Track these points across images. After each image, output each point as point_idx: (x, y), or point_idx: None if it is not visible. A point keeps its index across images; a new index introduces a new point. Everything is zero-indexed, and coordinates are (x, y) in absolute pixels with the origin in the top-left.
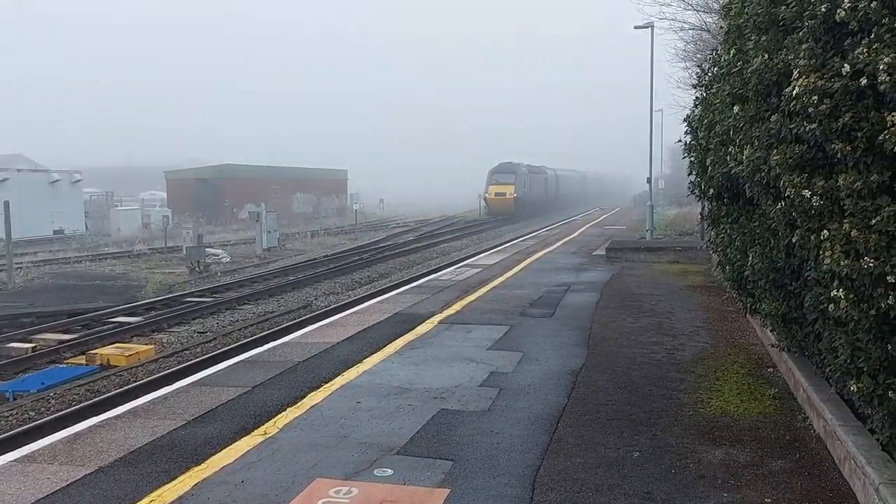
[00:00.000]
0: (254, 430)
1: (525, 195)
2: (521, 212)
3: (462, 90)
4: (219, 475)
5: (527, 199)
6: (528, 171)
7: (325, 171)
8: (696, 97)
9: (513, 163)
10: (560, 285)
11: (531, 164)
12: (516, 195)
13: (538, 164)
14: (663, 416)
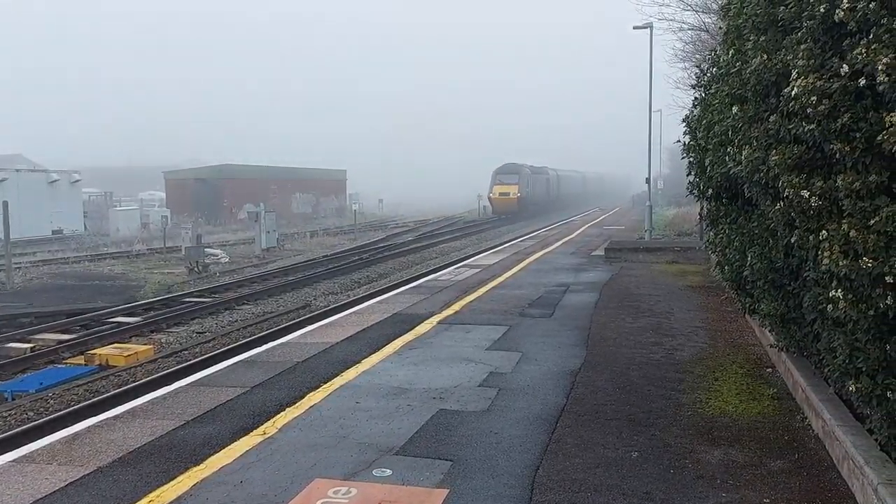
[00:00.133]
0: (253, 431)
1: (528, 195)
2: (524, 211)
3: (461, 91)
4: (217, 475)
5: (530, 199)
6: (531, 172)
7: (324, 171)
8: (695, 97)
9: (516, 163)
10: (559, 285)
11: (533, 165)
12: (520, 195)
13: (540, 164)
14: (662, 417)
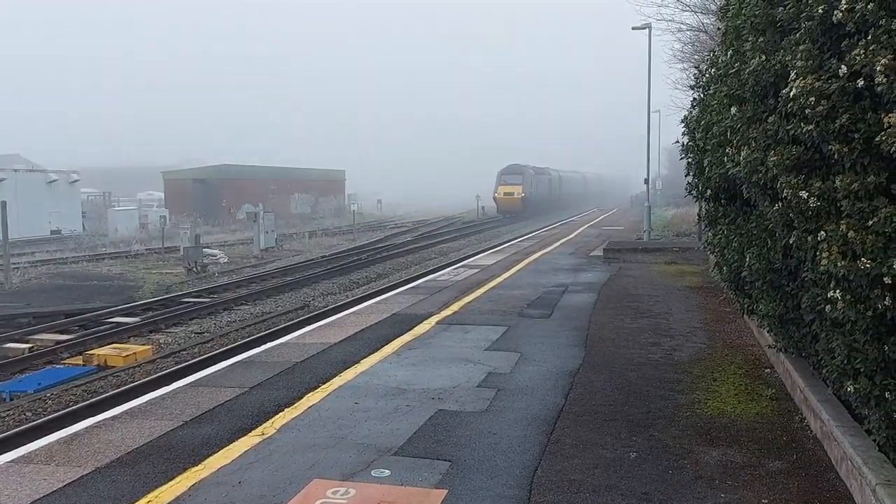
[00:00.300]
0: (251, 431)
1: (532, 195)
2: (527, 210)
3: (461, 90)
4: (216, 476)
5: (533, 199)
6: (535, 172)
7: (323, 171)
8: (694, 98)
9: (520, 164)
10: (558, 286)
11: (537, 166)
12: (524, 195)
13: (542, 165)
14: (661, 417)
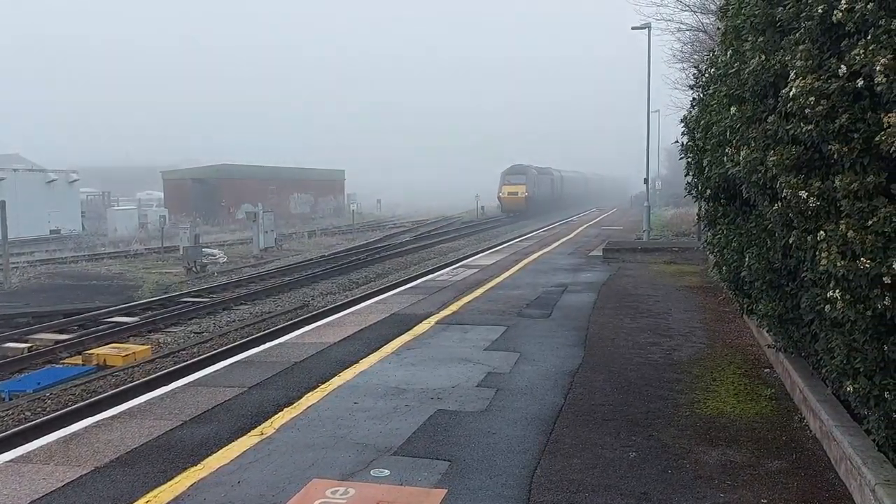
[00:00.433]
0: (250, 431)
1: (535, 194)
2: (531, 209)
3: (459, 92)
4: (215, 476)
5: (536, 198)
6: (538, 173)
7: (322, 171)
8: (694, 98)
9: (523, 165)
10: (557, 286)
11: (539, 166)
12: (527, 194)
13: (545, 165)
14: (660, 417)
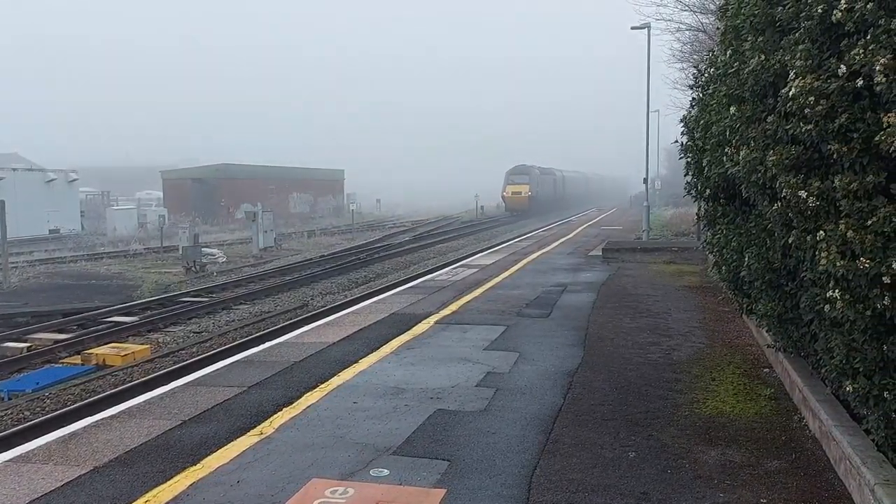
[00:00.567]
0: (250, 431)
1: (538, 194)
2: (534, 209)
3: (459, 92)
4: (214, 475)
5: (539, 198)
6: (541, 173)
7: (321, 171)
8: (693, 98)
9: (526, 165)
10: (557, 286)
11: (542, 166)
12: (531, 194)
13: (547, 165)
14: (659, 417)
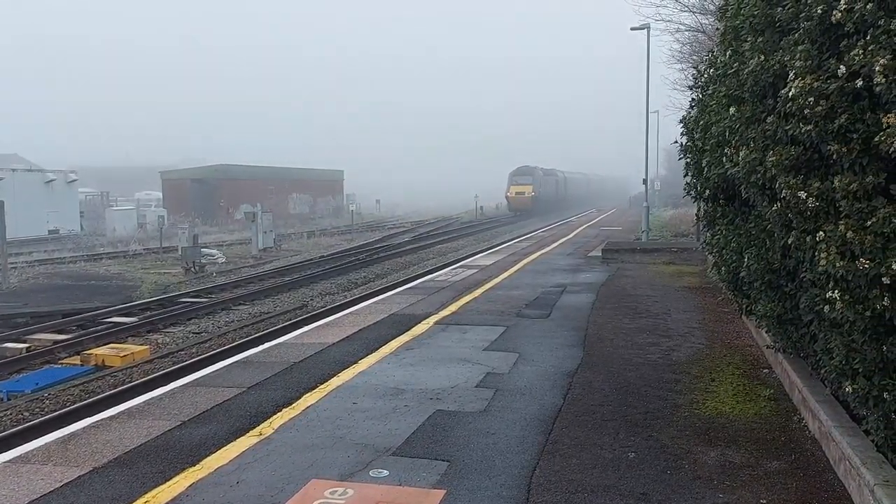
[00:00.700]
0: (249, 431)
1: (541, 194)
2: (536, 208)
3: (459, 92)
4: (214, 476)
5: (542, 198)
6: (543, 174)
7: (321, 171)
8: (693, 98)
9: (530, 166)
10: (556, 286)
11: (545, 168)
12: (534, 194)
13: (549, 167)
14: (659, 417)
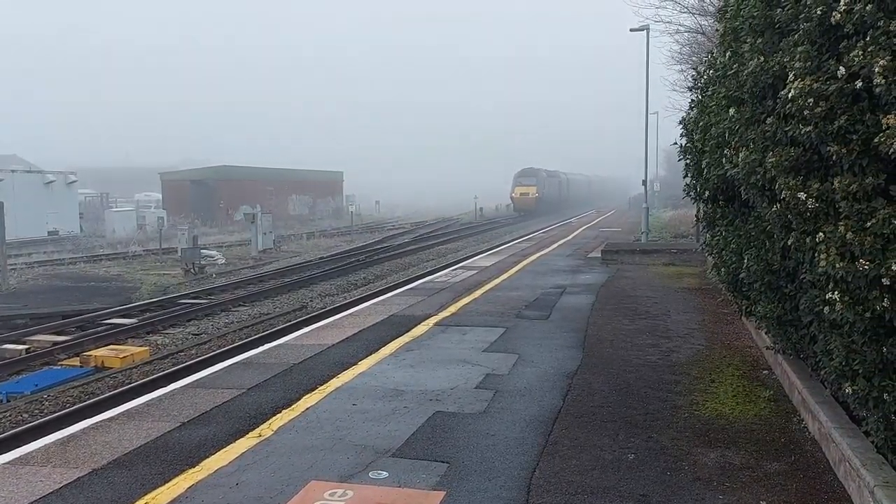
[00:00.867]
0: (249, 433)
1: (544, 195)
2: (540, 209)
3: (458, 95)
4: (213, 477)
5: (545, 199)
6: (547, 175)
7: (320, 172)
8: (692, 100)
9: (534, 168)
10: (556, 287)
11: (548, 169)
12: (538, 195)
13: (552, 168)
14: (658, 419)
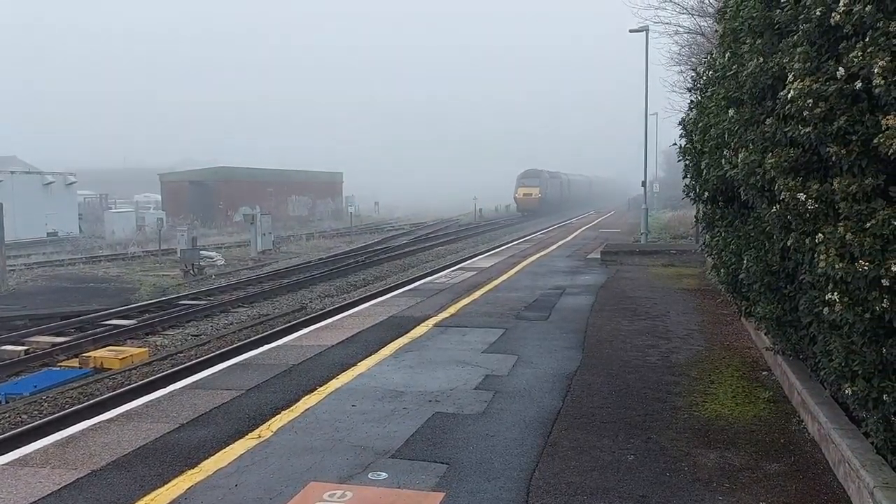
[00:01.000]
0: (248, 434)
1: (547, 196)
2: (543, 209)
3: (458, 96)
4: (212, 479)
5: (548, 199)
6: (549, 176)
7: (320, 173)
8: (691, 100)
9: (536, 169)
10: (555, 288)
11: (550, 170)
12: (540, 196)
13: (554, 169)
14: (658, 420)
